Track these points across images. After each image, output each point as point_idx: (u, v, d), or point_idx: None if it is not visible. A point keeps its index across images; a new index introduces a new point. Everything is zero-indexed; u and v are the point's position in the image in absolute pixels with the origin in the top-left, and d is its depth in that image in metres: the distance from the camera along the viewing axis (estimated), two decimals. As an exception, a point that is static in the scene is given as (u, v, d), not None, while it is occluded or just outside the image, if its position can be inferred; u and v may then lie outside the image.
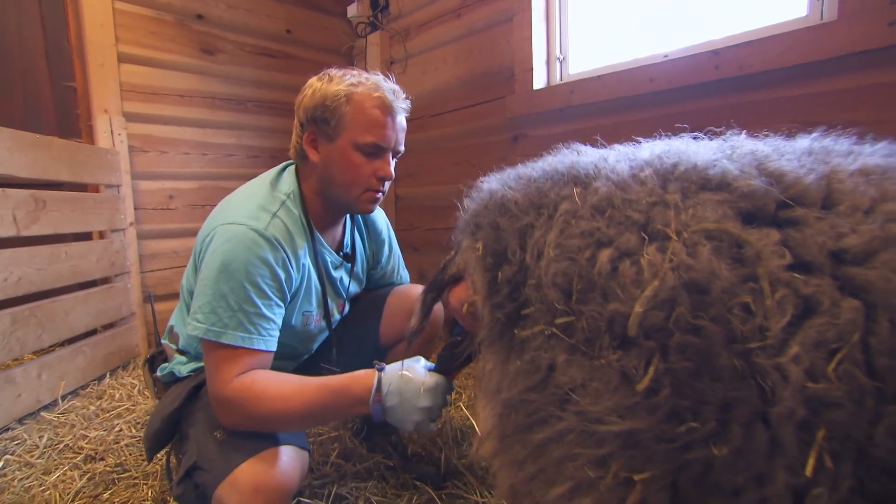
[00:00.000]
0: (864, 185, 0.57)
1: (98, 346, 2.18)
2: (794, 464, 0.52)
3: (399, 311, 1.39)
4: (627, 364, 0.57)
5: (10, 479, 1.40)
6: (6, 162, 1.69)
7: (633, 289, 0.57)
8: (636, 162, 0.69)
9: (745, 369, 0.52)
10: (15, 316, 1.72)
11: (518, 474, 0.68)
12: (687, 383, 0.54)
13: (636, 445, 0.57)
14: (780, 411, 0.51)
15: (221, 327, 0.96)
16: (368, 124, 1.07)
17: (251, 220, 1.02)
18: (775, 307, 0.52)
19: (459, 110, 2.72)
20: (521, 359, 0.66)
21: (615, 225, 0.61)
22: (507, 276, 0.68)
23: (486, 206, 0.74)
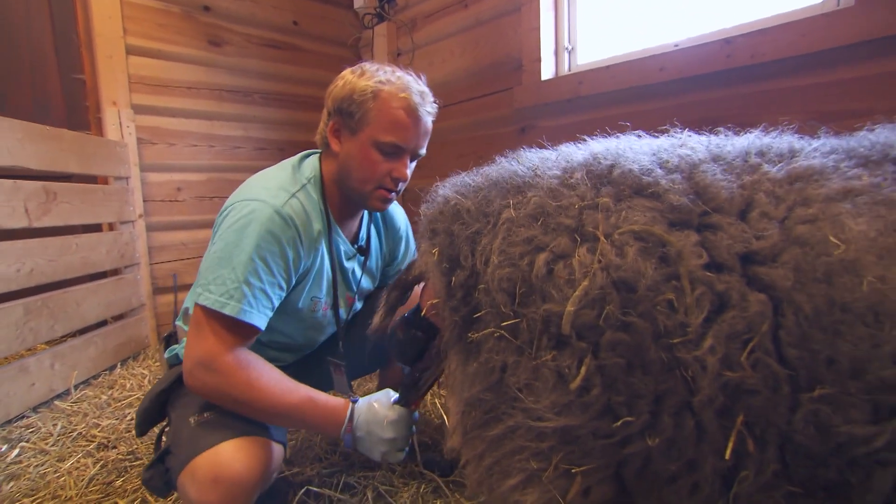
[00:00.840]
0: (784, 193, 0.61)
1: (109, 336, 2.21)
2: (719, 449, 0.56)
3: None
4: (562, 364, 0.61)
5: (25, 466, 1.43)
6: (18, 153, 1.71)
7: (567, 289, 0.60)
8: (570, 165, 0.72)
9: (670, 362, 0.56)
10: (28, 306, 1.75)
11: (479, 467, 0.73)
12: (620, 379, 0.58)
13: (574, 441, 0.62)
14: (702, 399, 0.55)
15: (227, 298, 0.97)
16: (390, 124, 1.08)
17: (269, 198, 1.04)
18: (694, 304, 0.56)
19: (466, 102, 2.71)
20: (477, 360, 0.70)
21: (550, 231, 0.65)
22: (459, 281, 0.71)
23: (442, 212, 0.78)
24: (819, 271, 0.53)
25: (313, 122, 3.20)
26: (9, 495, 1.29)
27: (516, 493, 0.67)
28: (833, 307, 0.52)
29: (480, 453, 0.71)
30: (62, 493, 1.30)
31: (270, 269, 1.01)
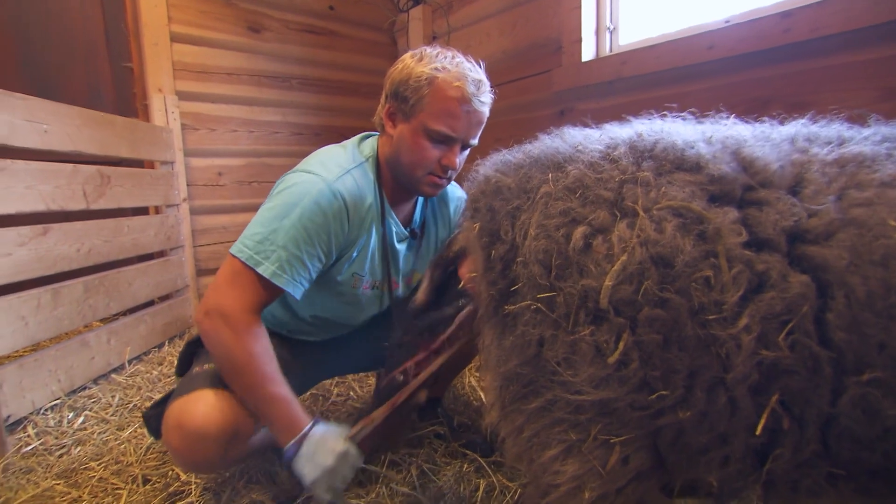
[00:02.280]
0: (836, 175, 0.60)
1: (157, 315, 2.32)
2: (751, 425, 0.57)
3: None
4: (600, 338, 0.61)
5: (90, 433, 1.54)
6: (77, 139, 1.81)
7: (605, 264, 0.61)
8: (613, 141, 0.72)
9: (706, 339, 0.57)
10: (87, 284, 1.86)
11: (518, 440, 0.74)
12: (656, 354, 0.59)
13: (612, 413, 0.63)
14: (735, 376, 0.56)
15: (263, 258, 1.00)
16: (442, 112, 1.09)
17: (323, 172, 1.09)
18: (730, 282, 0.56)
19: (504, 85, 2.70)
20: (513, 334, 0.71)
21: (588, 204, 0.65)
22: (499, 254, 0.72)
23: (483, 190, 0.79)
24: (876, 254, 0.52)
25: (349, 107, 3.27)
26: (78, 458, 1.39)
27: (556, 464, 0.69)
28: (889, 291, 0.51)
29: (520, 426, 0.73)
30: (123, 458, 1.39)
31: (312, 240, 1.04)
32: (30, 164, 1.60)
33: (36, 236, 1.62)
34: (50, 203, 1.66)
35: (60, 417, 1.61)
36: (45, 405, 1.65)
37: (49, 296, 1.67)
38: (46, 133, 1.66)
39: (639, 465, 0.65)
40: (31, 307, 1.59)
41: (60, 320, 1.71)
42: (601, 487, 0.66)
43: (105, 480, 1.29)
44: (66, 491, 1.24)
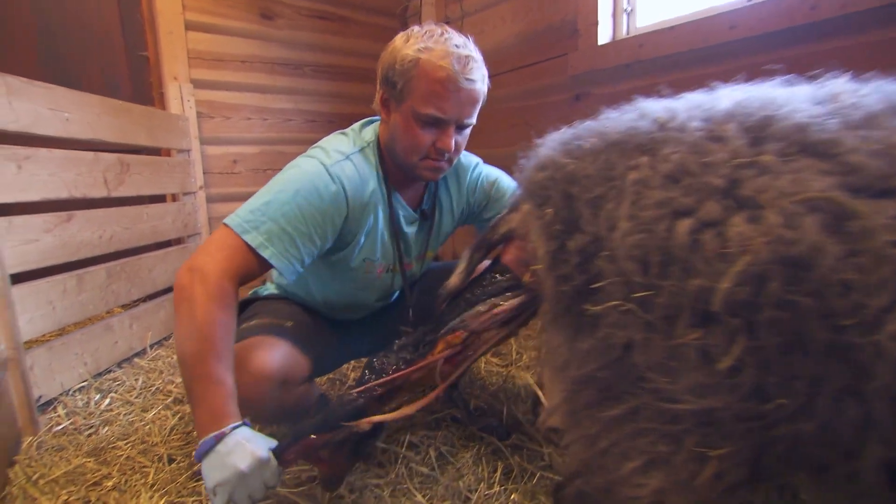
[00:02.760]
0: None
1: (176, 301, 2.37)
2: (888, 438, 0.52)
3: None
4: (709, 343, 0.55)
5: (116, 414, 1.59)
6: (97, 127, 1.84)
7: (718, 263, 0.54)
8: (713, 116, 0.63)
9: (837, 344, 0.51)
10: (109, 270, 1.90)
11: (590, 449, 0.68)
12: (775, 359, 0.53)
13: (713, 423, 0.57)
14: (875, 387, 0.50)
15: (251, 227, 0.99)
16: (429, 94, 1.05)
17: (322, 156, 1.10)
18: (878, 285, 0.50)
19: (518, 69, 2.68)
20: (592, 336, 0.64)
21: (693, 193, 0.57)
22: (578, 246, 0.65)
23: (553, 177, 0.72)
24: None
25: (361, 93, 3.29)
26: (106, 438, 1.44)
27: (637, 476, 0.63)
28: None
29: (594, 435, 0.67)
30: (149, 439, 1.43)
31: (305, 220, 1.03)
32: (53, 151, 1.63)
33: (60, 223, 1.66)
34: (73, 190, 1.70)
35: (88, 399, 1.66)
36: (74, 387, 1.71)
37: (74, 281, 1.72)
38: (68, 121, 1.70)
39: (733, 479, 0.60)
40: (57, 292, 1.64)
41: (85, 305, 1.76)
42: (686, 501, 0.62)
43: (132, 459, 1.33)
44: (97, 468, 1.29)
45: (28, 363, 1.47)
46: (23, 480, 1.23)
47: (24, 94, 1.52)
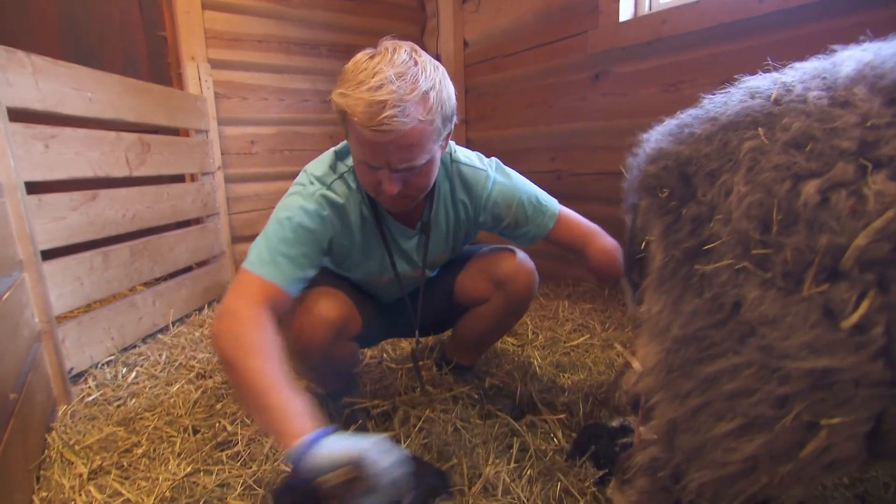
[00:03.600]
0: None
1: (197, 280, 2.44)
2: None
3: (473, 272, 1.42)
4: (834, 298, 0.53)
5: (142, 387, 1.65)
6: (119, 107, 1.88)
7: (850, 220, 0.52)
8: (836, 83, 0.60)
9: None
10: (133, 248, 1.96)
11: (680, 408, 0.66)
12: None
13: (828, 386, 0.54)
14: None
15: (259, 262, 1.05)
16: (357, 142, 1.01)
17: (307, 184, 1.14)
18: None
19: (536, 48, 2.65)
20: (699, 297, 0.63)
21: (816, 157, 0.56)
22: (692, 214, 0.65)
23: (667, 165, 0.70)
24: None
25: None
26: (133, 409, 1.51)
27: (731, 440, 0.61)
28: None
29: (686, 392, 0.65)
30: (174, 411, 1.50)
31: (297, 241, 1.09)
32: (77, 131, 1.68)
33: (86, 201, 1.71)
34: (97, 169, 1.75)
35: (116, 372, 1.73)
36: (102, 360, 1.78)
37: (100, 258, 1.78)
38: (91, 101, 1.74)
39: (839, 455, 0.57)
40: (84, 269, 1.70)
41: (111, 282, 1.82)
42: (784, 473, 0.59)
43: (159, 429, 1.39)
44: (127, 436, 1.35)
45: (60, 336, 1.54)
46: (60, 445, 1.30)
47: (49, 73, 1.56)
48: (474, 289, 1.42)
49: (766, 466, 0.59)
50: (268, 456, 1.24)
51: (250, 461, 1.22)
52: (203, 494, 1.10)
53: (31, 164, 1.48)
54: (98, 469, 1.22)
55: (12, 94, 1.41)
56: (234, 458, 1.25)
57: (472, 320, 1.47)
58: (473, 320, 1.46)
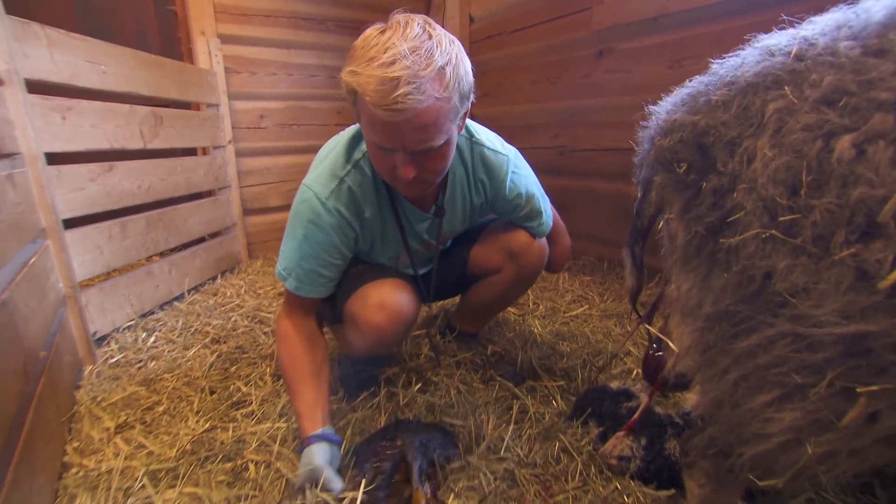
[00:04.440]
0: None
1: (210, 251, 2.47)
2: None
3: (487, 244, 1.42)
4: (867, 258, 0.49)
5: (161, 350, 1.70)
6: (132, 80, 1.88)
7: (891, 170, 0.48)
8: (865, 32, 0.55)
9: None
10: (149, 219, 1.99)
11: (720, 384, 0.64)
12: None
13: (864, 353, 0.51)
14: None
15: (287, 274, 1.15)
16: (369, 124, 0.93)
17: (319, 187, 1.10)
18: None
19: (541, 24, 2.61)
20: (727, 271, 0.60)
21: (851, 112, 0.52)
22: (712, 186, 0.61)
23: (682, 138, 0.66)
24: None
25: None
26: (154, 370, 1.56)
27: (769, 410, 0.58)
28: None
29: (724, 368, 0.63)
30: (191, 373, 1.54)
31: (319, 254, 1.12)
32: (92, 103, 1.68)
33: (103, 172, 1.73)
34: (112, 142, 1.76)
35: (136, 336, 1.78)
36: (123, 325, 1.83)
37: (118, 228, 1.80)
38: (105, 74, 1.74)
39: (893, 425, 0.53)
40: (104, 237, 1.73)
41: (129, 251, 1.85)
42: (829, 444, 0.56)
43: (178, 389, 1.44)
44: (148, 395, 1.41)
45: (83, 301, 1.58)
46: (88, 402, 1.35)
47: (64, 46, 1.56)
48: (488, 260, 1.43)
49: (812, 437, 0.56)
50: (280, 414, 1.29)
51: (264, 419, 1.28)
52: (221, 449, 1.15)
53: (50, 135, 1.49)
54: (123, 424, 1.27)
55: (29, 66, 1.42)
56: (248, 416, 1.30)
57: (483, 290, 1.48)
58: (483, 290, 1.48)
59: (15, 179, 1.26)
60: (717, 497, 0.75)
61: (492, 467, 1.08)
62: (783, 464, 0.61)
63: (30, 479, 0.89)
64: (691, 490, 0.78)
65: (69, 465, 1.12)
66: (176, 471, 1.08)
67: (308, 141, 2.99)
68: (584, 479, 1.05)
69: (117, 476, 1.07)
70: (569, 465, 1.09)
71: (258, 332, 1.83)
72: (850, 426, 0.53)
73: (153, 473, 1.08)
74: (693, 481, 0.77)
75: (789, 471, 0.60)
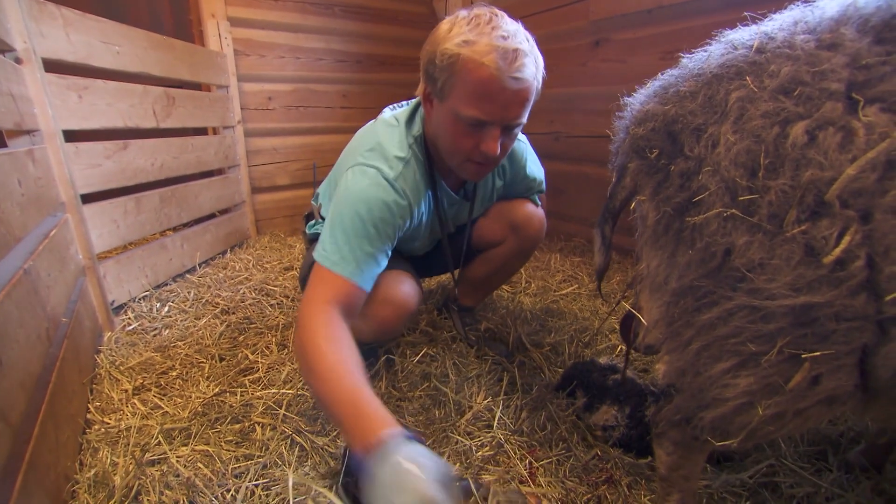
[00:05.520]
0: None
1: (220, 226, 2.48)
2: None
3: (490, 218, 1.43)
4: (815, 235, 0.52)
5: (174, 320, 1.73)
6: (145, 60, 1.87)
7: (838, 154, 0.50)
8: (820, 26, 0.57)
9: None
10: (162, 195, 2.00)
11: (685, 354, 0.66)
12: None
13: (809, 323, 0.53)
14: None
15: (340, 259, 0.97)
16: (471, 96, 0.91)
17: (384, 166, 1.03)
18: None
19: (540, 13, 2.57)
20: (692, 248, 0.61)
21: (805, 101, 0.54)
22: (679, 169, 0.63)
23: (654, 127, 0.67)
24: None
25: (389, 35, 3.17)
26: (167, 338, 1.59)
27: (727, 377, 0.61)
28: None
29: (688, 339, 0.65)
30: (202, 341, 1.58)
31: (381, 237, 1.01)
32: (108, 83, 1.67)
33: (118, 150, 1.73)
34: (126, 120, 1.76)
35: (150, 306, 1.81)
36: (138, 295, 1.85)
37: (133, 203, 1.82)
38: (118, 54, 1.72)
39: (832, 386, 0.56)
40: (120, 212, 1.74)
41: (143, 225, 1.87)
42: (778, 406, 0.59)
43: (190, 356, 1.48)
44: (163, 361, 1.44)
45: (101, 272, 1.60)
46: (107, 365, 1.39)
47: (80, 26, 1.55)
48: (491, 232, 1.44)
49: (764, 400, 0.59)
50: (285, 381, 1.33)
51: (270, 385, 1.31)
52: (230, 411, 1.19)
53: (68, 113, 1.49)
54: (140, 386, 1.31)
55: (46, 45, 1.41)
56: (255, 382, 1.33)
57: (484, 262, 1.50)
58: (485, 262, 1.50)
59: (35, 155, 1.27)
60: (683, 463, 0.78)
61: (481, 436, 1.11)
62: (738, 425, 0.64)
63: (55, 433, 0.93)
64: (660, 457, 0.81)
65: (92, 422, 1.16)
66: (188, 430, 1.12)
67: (314, 122, 2.97)
68: (567, 446, 1.09)
69: (135, 433, 1.11)
70: (553, 433, 1.13)
71: (265, 304, 1.86)
72: (796, 389, 0.56)
73: (167, 432, 1.12)
74: (661, 449, 0.80)
75: (743, 431, 0.63)
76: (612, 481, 0.98)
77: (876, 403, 0.58)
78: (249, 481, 0.97)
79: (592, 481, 0.99)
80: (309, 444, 1.08)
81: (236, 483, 0.96)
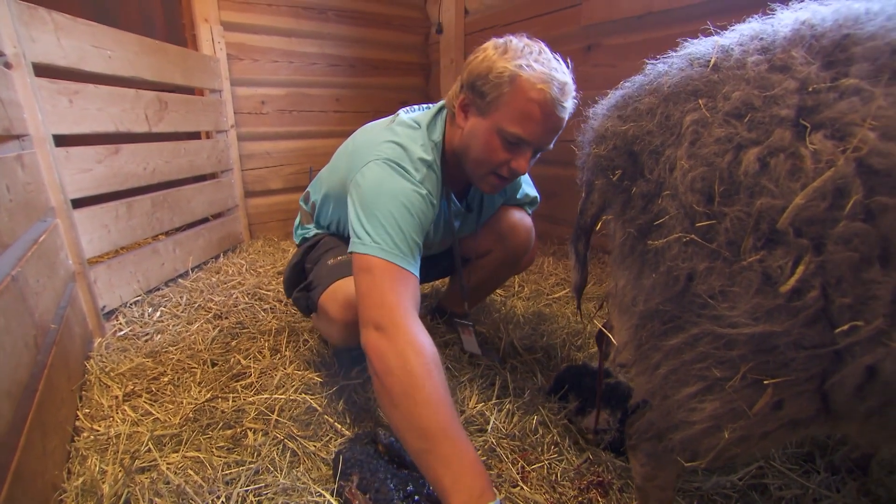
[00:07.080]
0: None
1: (213, 230, 2.47)
2: None
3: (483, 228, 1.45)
4: (771, 264, 0.51)
5: (167, 325, 1.72)
6: (137, 65, 1.85)
7: (788, 182, 0.50)
8: (773, 45, 0.56)
9: None
10: (154, 200, 1.98)
11: (653, 377, 0.66)
12: (848, 277, 0.47)
13: (770, 350, 0.53)
14: None
15: (393, 247, 0.91)
16: (520, 115, 0.97)
17: (411, 168, 1.02)
18: None
19: (532, 18, 2.59)
20: (655, 271, 0.61)
21: (757, 126, 0.53)
22: (641, 191, 0.63)
23: (615, 145, 0.67)
24: None
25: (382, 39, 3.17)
26: (159, 343, 1.58)
27: (693, 401, 0.61)
28: None
29: (656, 363, 0.65)
30: (195, 346, 1.56)
31: (422, 228, 1.00)
32: (99, 87, 1.66)
33: (110, 155, 1.72)
34: (118, 125, 1.74)
35: (142, 311, 1.79)
36: (130, 300, 1.84)
37: (124, 208, 1.80)
38: (110, 59, 1.71)
39: (795, 412, 0.56)
40: (111, 217, 1.72)
41: (135, 230, 1.85)
42: (743, 429, 0.59)
43: (182, 361, 1.46)
44: (154, 367, 1.43)
45: (92, 277, 1.59)
46: (97, 371, 1.37)
47: (71, 31, 1.53)
48: (478, 243, 1.45)
49: (729, 424, 0.59)
50: (277, 386, 1.32)
51: (262, 390, 1.30)
52: (222, 417, 1.18)
53: (58, 117, 1.48)
54: (131, 392, 1.30)
55: (36, 50, 1.40)
56: (247, 387, 1.32)
57: (473, 272, 1.50)
58: (474, 272, 1.50)
59: (24, 160, 1.25)
60: (657, 474, 0.78)
61: (473, 440, 1.11)
62: (706, 447, 0.64)
63: (42, 441, 0.92)
64: (635, 468, 0.81)
65: (80, 429, 1.15)
66: (179, 436, 1.11)
67: (307, 126, 2.96)
68: (559, 450, 1.08)
69: (125, 440, 1.10)
70: (545, 437, 1.13)
71: (258, 309, 1.85)
72: (759, 413, 0.57)
73: (158, 438, 1.10)
74: (636, 461, 0.81)
75: (711, 452, 0.64)
76: (603, 485, 0.98)
77: (842, 424, 0.58)
78: (241, 487, 0.96)
79: (584, 485, 0.99)
80: (301, 450, 1.07)
81: (227, 489, 0.95)
